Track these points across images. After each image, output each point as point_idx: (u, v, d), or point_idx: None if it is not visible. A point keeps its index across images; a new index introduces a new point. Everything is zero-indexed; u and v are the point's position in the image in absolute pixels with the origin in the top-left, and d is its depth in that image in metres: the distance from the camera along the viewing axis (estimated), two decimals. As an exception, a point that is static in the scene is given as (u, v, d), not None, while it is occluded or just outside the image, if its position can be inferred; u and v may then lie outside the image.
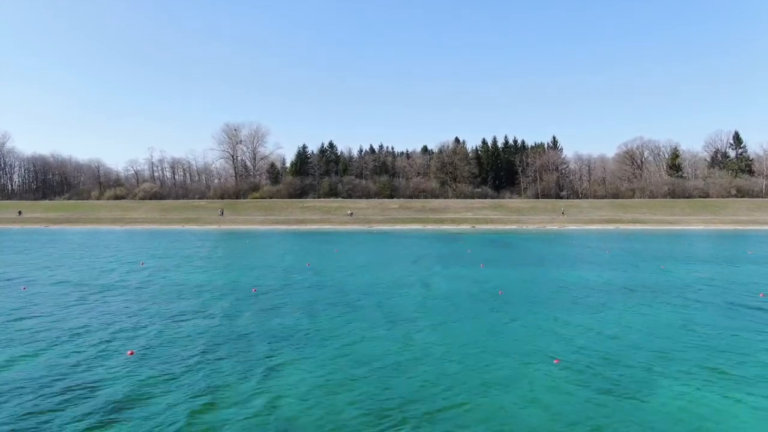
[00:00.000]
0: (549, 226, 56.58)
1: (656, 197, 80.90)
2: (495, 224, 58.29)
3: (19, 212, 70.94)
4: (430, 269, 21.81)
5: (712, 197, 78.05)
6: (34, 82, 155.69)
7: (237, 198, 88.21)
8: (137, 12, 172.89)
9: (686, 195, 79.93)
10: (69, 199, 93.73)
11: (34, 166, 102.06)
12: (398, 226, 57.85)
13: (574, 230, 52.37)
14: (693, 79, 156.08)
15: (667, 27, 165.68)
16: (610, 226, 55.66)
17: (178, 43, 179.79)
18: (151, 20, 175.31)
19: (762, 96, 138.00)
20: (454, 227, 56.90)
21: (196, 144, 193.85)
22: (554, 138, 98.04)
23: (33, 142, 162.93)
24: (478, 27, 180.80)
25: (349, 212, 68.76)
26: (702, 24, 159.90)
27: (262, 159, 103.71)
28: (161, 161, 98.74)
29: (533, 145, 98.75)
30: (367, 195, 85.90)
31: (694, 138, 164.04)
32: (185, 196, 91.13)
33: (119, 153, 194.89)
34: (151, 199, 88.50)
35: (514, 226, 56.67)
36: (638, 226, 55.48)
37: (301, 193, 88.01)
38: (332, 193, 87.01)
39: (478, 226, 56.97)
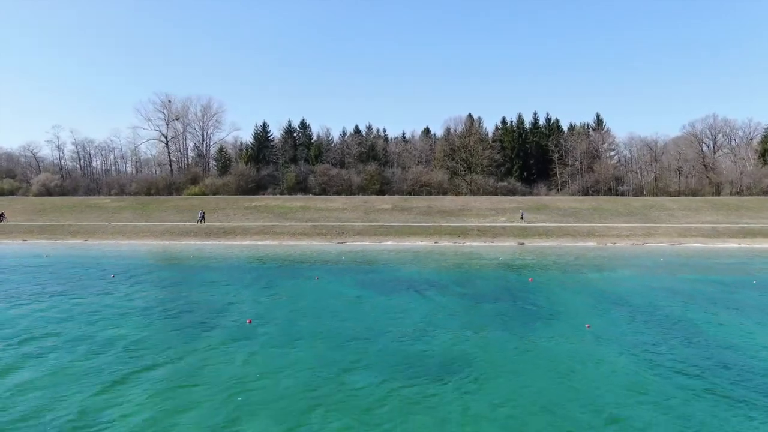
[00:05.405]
0: (650, 243, 32.67)
1: (752, 194, 58.01)
2: (555, 238, 34.19)
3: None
4: None
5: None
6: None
7: (169, 194, 63.88)
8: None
9: (795, 190, 56.67)
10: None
11: None
12: (389, 242, 33.75)
13: (704, 251, 28.50)
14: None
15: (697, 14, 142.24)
16: (765, 244, 31.78)
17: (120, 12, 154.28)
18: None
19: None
20: (488, 243, 32.85)
21: (122, 123, 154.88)
22: (598, 116, 74.17)
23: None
24: (481, 21, 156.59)
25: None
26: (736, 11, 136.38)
27: (215, 143, 79.56)
28: (75, 145, 73.71)
29: (569, 126, 74.83)
30: (348, 190, 61.61)
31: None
32: (98, 192, 66.57)
33: (37, 136, 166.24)
34: (50, 195, 64.17)
35: (591, 243, 32.68)
36: (809, 244, 31.64)
37: (257, 188, 63.58)
38: (300, 187, 62.69)
39: (528, 243, 32.91)
